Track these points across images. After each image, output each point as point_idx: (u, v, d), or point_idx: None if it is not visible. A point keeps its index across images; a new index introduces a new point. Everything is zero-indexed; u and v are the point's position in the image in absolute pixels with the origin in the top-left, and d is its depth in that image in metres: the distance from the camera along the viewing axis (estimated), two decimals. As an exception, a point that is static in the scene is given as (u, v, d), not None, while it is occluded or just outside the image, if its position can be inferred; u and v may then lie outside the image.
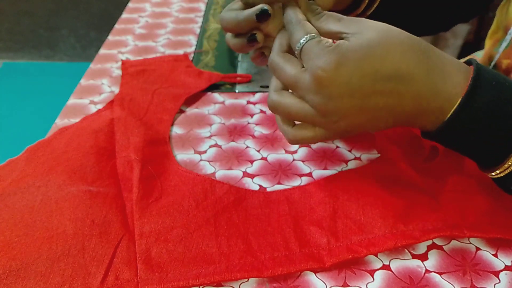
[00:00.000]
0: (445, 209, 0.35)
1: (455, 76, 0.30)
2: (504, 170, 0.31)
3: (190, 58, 0.62)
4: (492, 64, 0.47)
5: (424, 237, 0.33)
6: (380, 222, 0.34)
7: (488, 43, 0.50)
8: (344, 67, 0.28)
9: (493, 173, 0.32)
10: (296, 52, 0.32)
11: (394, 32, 0.30)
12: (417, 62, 0.29)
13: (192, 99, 0.53)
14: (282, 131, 0.35)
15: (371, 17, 0.42)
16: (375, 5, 0.43)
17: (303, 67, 0.31)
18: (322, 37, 0.31)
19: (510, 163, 0.30)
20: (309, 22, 0.33)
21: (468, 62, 0.32)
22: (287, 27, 0.33)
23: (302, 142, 0.34)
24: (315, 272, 0.32)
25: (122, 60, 0.59)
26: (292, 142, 0.35)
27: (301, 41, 0.31)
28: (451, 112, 0.29)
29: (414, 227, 0.34)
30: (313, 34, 0.31)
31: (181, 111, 0.51)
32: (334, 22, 0.31)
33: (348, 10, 0.44)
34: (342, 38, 0.30)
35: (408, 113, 0.31)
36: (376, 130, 0.34)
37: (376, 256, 0.33)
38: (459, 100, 0.29)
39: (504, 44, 0.44)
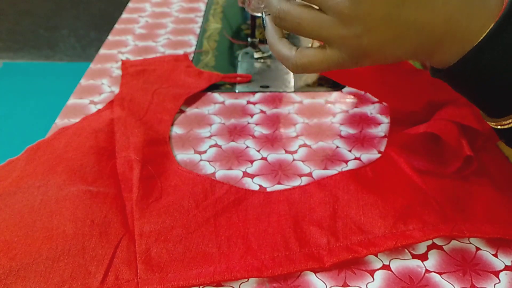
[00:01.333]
0: (445, 209, 0.35)
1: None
2: None
3: (190, 58, 0.62)
4: None
5: (424, 237, 0.33)
6: (380, 222, 0.34)
7: None
8: None
9: (503, 122, 0.29)
10: None
11: None
12: None
13: (192, 99, 0.53)
14: (281, 57, 0.30)
15: None
16: None
17: None
18: None
19: None
20: None
21: None
22: None
23: (307, 69, 0.29)
24: (315, 272, 0.32)
25: (122, 60, 0.59)
26: (296, 69, 0.30)
27: None
28: (482, 37, 0.26)
29: (414, 227, 0.34)
30: None
31: (181, 111, 0.51)
32: None
33: None
34: None
35: (435, 35, 0.27)
36: (395, 59, 0.29)
37: (376, 256, 0.33)
38: (492, 24, 0.26)
39: None
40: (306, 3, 0.28)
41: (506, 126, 0.29)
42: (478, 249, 0.34)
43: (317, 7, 0.28)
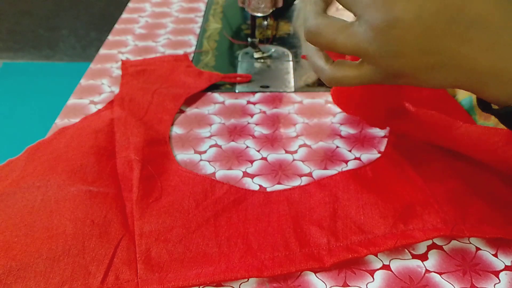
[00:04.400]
0: (446, 209, 0.35)
1: None
2: None
3: (190, 58, 0.62)
4: None
5: (424, 237, 0.33)
6: (380, 222, 0.34)
7: None
8: None
9: None
10: None
11: None
12: (503, 10, 0.24)
13: (192, 99, 0.53)
14: (316, 69, 0.30)
15: None
16: None
17: None
18: None
19: None
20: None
21: None
22: None
23: (342, 83, 0.29)
24: (315, 272, 0.32)
25: (122, 60, 0.59)
26: (330, 82, 0.29)
27: None
28: None
29: (414, 227, 0.34)
30: None
31: (181, 111, 0.51)
32: None
33: None
34: None
35: (477, 73, 0.25)
36: (430, 86, 0.28)
37: (376, 256, 0.33)
38: None
39: None
40: (340, 19, 0.27)
41: None
42: (478, 249, 0.34)
43: (351, 21, 0.27)
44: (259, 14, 0.57)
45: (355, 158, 0.43)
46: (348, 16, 0.28)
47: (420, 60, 0.25)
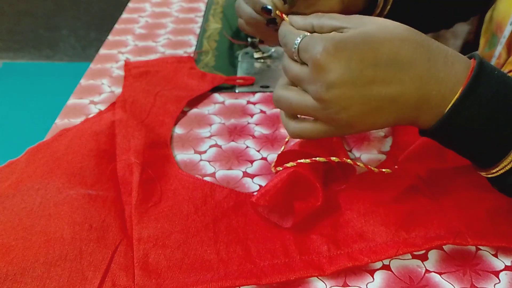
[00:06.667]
0: (449, 217, 0.35)
1: (457, 64, 0.29)
2: (502, 169, 0.30)
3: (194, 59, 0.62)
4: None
5: (426, 244, 0.32)
6: (382, 230, 0.34)
7: (482, 41, 0.50)
8: (342, 51, 0.28)
9: (491, 171, 0.31)
10: (294, 56, 0.32)
11: (394, 24, 0.30)
12: (417, 48, 0.29)
13: (192, 99, 0.52)
14: (283, 124, 0.35)
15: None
16: (387, 8, 0.43)
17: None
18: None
19: (508, 161, 0.29)
20: (311, 22, 0.33)
21: (470, 57, 0.31)
22: (281, 42, 0.34)
23: (302, 136, 0.34)
24: (315, 272, 0.32)
25: (125, 61, 0.59)
26: (292, 135, 0.34)
27: (296, 42, 0.31)
28: (453, 100, 0.29)
29: (416, 235, 0.33)
30: (306, 33, 0.31)
31: (182, 112, 0.51)
32: (335, 18, 0.31)
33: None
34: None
35: (410, 104, 0.30)
36: (379, 127, 0.32)
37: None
38: (461, 88, 0.28)
39: (499, 48, 0.44)
40: (297, 92, 0.32)
41: (493, 175, 0.31)
42: (478, 249, 0.34)
43: (303, 92, 0.32)
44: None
45: (355, 158, 0.43)
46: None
47: (363, 108, 0.30)
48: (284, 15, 0.35)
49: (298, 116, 0.35)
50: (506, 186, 0.32)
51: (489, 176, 0.32)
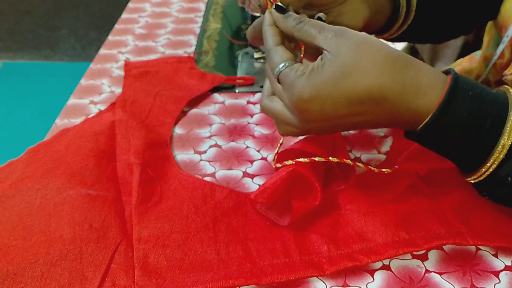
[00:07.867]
0: (449, 217, 0.35)
1: (430, 93, 0.30)
2: (479, 177, 0.31)
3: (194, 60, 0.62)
4: (490, 66, 0.47)
5: (426, 244, 0.32)
6: (382, 230, 0.34)
7: (485, 40, 0.50)
8: (316, 99, 0.30)
9: (470, 179, 0.32)
10: (275, 76, 0.33)
11: (371, 50, 0.30)
12: (391, 83, 0.30)
13: (192, 99, 0.52)
14: (275, 125, 0.37)
15: (403, 33, 0.44)
16: (405, 26, 0.44)
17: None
18: (295, 64, 0.32)
19: (483, 171, 0.31)
20: (292, 31, 0.33)
21: (446, 72, 0.32)
22: (266, 52, 0.35)
23: (291, 135, 0.36)
24: (315, 272, 0.32)
25: (125, 61, 0.59)
26: (282, 134, 0.37)
27: (277, 69, 0.32)
28: (420, 127, 0.31)
29: (416, 235, 0.33)
30: (287, 62, 0.32)
31: (182, 112, 0.51)
32: (314, 34, 0.32)
33: (381, 31, 0.44)
34: (321, 52, 0.31)
35: (384, 125, 0.33)
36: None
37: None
38: (429, 116, 0.30)
39: (501, 47, 0.44)
40: (279, 107, 0.34)
41: (473, 181, 0.32)
42: (478, 249, 0.34)
43: (284, 108, 0.34)
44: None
45: (355, 158, 0.43)
46: None
47: (337, 130, 0.34)
48: (269, 7, 0.34)
49: None
50: (488, 193, 0.33)
51: (472, 181, 0.33)
